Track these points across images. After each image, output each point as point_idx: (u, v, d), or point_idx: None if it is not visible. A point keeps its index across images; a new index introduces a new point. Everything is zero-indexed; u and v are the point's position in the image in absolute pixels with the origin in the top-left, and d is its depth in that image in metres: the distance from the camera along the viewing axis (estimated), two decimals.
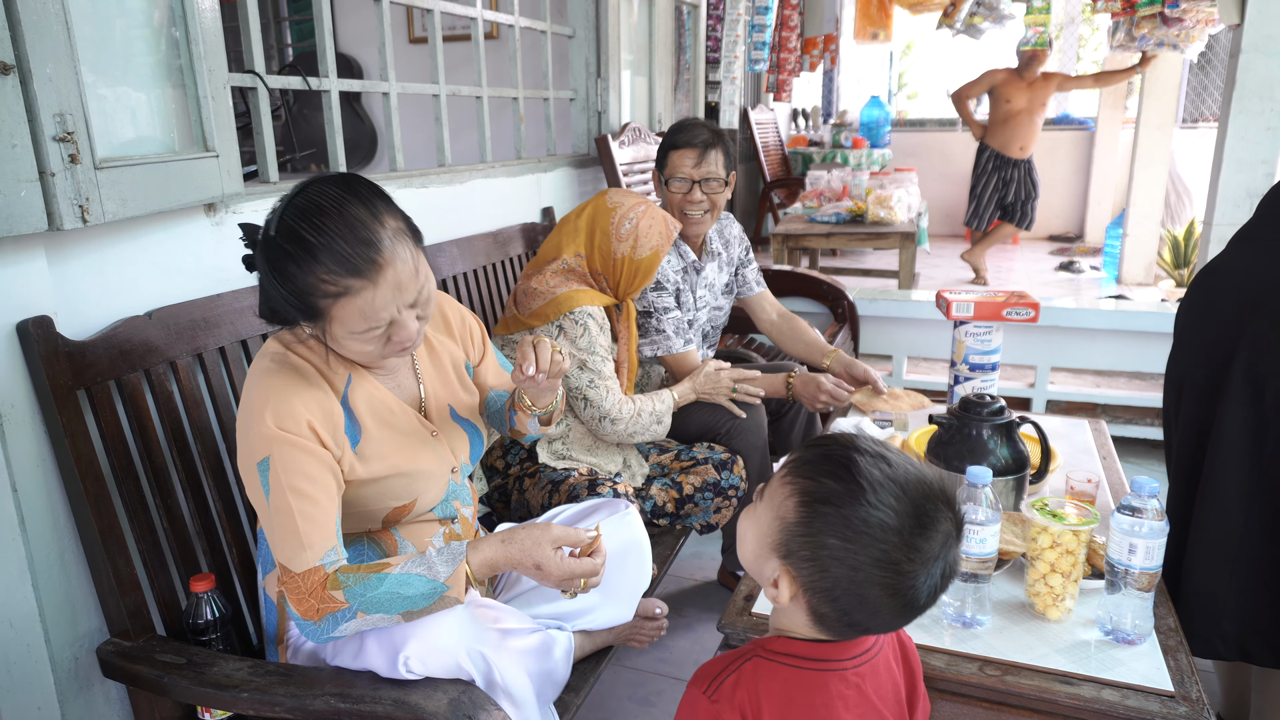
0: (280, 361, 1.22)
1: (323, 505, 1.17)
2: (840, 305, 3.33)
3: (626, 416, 1.91)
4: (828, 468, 0.87)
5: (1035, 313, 1.97)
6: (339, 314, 1.13)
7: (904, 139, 8.60)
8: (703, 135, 2.20)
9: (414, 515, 1.36)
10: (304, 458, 1.16)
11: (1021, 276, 6.47)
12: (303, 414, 1.17)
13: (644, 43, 3.49)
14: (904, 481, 0.85)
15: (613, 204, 1.95)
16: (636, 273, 1.96)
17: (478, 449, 1.48)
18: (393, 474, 1.29)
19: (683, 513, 2.03)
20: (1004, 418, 1.49)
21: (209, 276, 1.61)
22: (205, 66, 1.48)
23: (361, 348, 1.18)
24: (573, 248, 1.94)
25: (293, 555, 1.14)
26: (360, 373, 1.29)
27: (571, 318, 1.86)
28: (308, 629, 1.15)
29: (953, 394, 2.06)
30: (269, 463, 1.15)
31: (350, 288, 1.11)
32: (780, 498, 0.90)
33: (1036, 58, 5.46)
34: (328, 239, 1.10)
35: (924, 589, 0.86)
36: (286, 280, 1.12)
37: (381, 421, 1.30)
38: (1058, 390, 3.35)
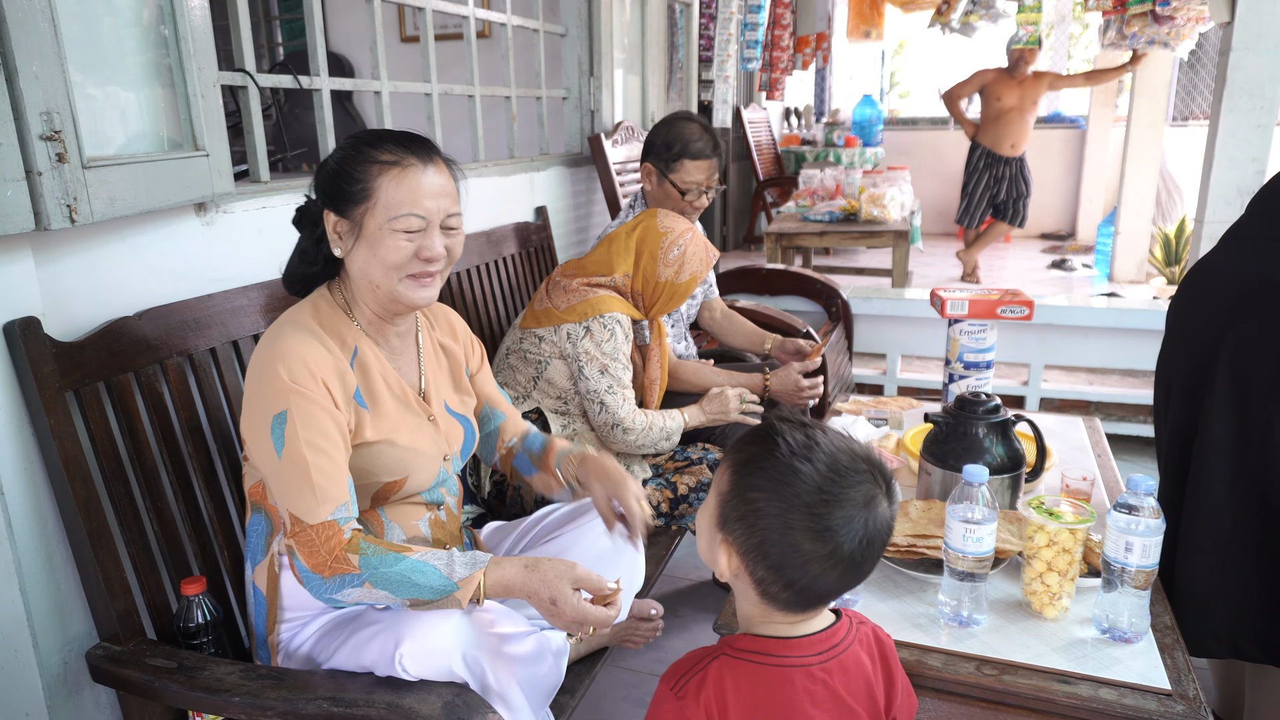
0: (295, 324, 1.26)
1: (337, 461, 1.20)
2: (834, 304, 3.33)
3: (639, 428, 1.92)
4: (751, 437, 0.95)
5: (1029, 311, 1.96)
6: (387, 189, 1.21)
7: (896, 138, 8.61)
8: (713, 143, 2.23)
9: (402, 494, 1.36)
10: (320, 414, 1.19)
11: (1014, 274, 6.48)
12: (318, 372, 1.21)
13: (637, 41, 3.48)
14: (819, 439, 0.91)
15: (664, 228, 1.97)
16: (673, 296, 1.99)
17: (469, 444, 1.50)
18: (389, 445, 1.30)
19: (677, 513, 2.03)
20: (1000, 416, 1.49)
21: (200, 277, 1.60)
22: (195, 65, 1.47)
23: (395, 244, 1.22)
24: (623, 268, 1.96)
25: (308, 508, 1.15)
26: (367, 344, 1.33)
27: (601, 321, 1.88)
28: (314, 582, 1.15)
29: (947, 392, 2.06)
30: (286, 416, 1.17)
31: (405, 161, 1.22)
32: (718, 476, 0.96)
33: (1026, 56, 5.46)
34: (394, 133, 1.26)
35: (844, 534, 0.88)
36: (351, 156, 1.23)
37: (382, 393, 1.33)
38: (1051, 388, 3.35)
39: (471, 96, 2.59)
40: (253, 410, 1.21)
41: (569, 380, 1.93)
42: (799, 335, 2.74)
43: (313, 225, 1.32)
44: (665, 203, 2.27)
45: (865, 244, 4.25)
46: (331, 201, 1.26)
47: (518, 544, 1.57)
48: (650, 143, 2.29)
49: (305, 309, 1.31)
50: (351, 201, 1.24)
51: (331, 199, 1.26)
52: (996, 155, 5.77)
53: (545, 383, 1.93)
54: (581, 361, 1.88)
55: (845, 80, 11.10)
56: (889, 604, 1.32)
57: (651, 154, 2.28)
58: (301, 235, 1.36)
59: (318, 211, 1.30)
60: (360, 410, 1.28)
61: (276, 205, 1.78)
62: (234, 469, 1.50)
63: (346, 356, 1.29)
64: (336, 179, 1.25)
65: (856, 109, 7.51)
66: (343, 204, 1.25)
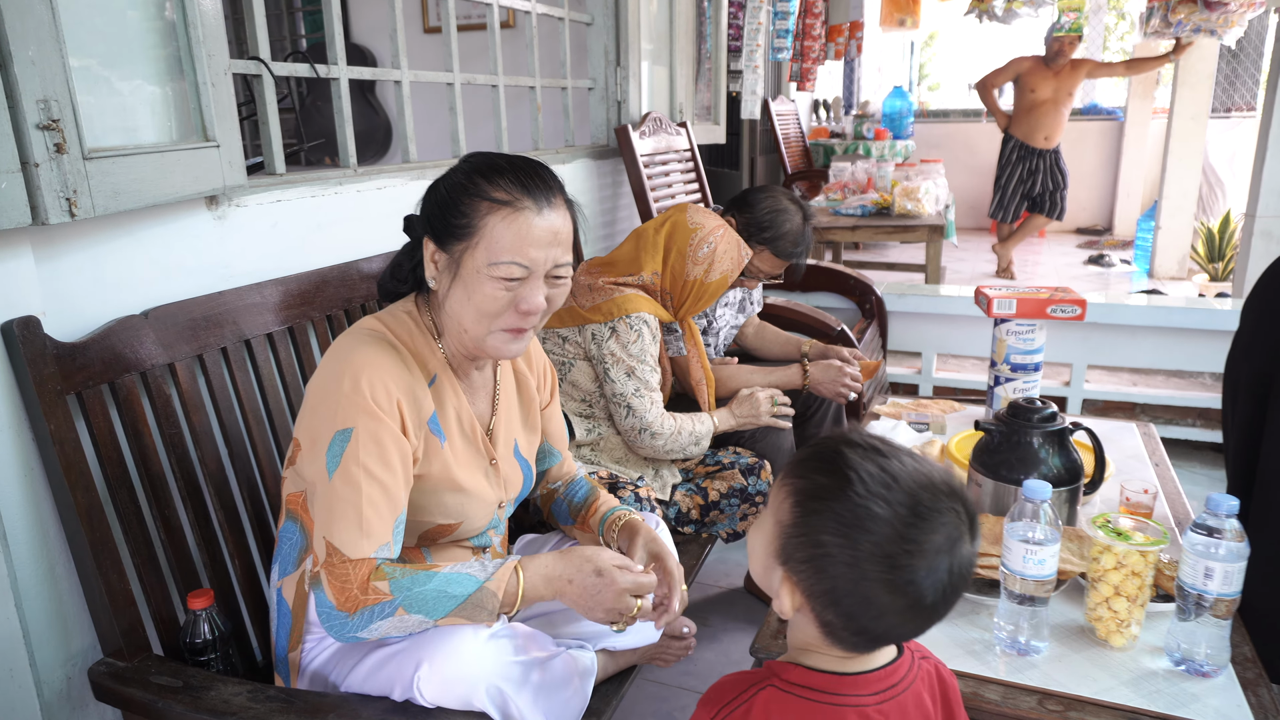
0: (377, 336, 1.17)
1: (392, 495, 1.10)
2: (868, 300, 3.23)
3: (668, 432, 1.83)
4: (817, 463, 0.82)
5: (1082, 310, 1.85)
6: (493, 230, 1.11)
7: (927, 130, 8.45)
8: (803, 246, 2.13)
9: (452, 538, 1.27)
10: (388, 440, 1.10)
11: (1049, 270, 6.32)
12: (395, 392, 1.12)
13: (664, 31, 3.39)
14: (897, 472, 0.79)
15: (694, 224, 1.88)
16: (702, 296, 1.90)
17: (526, 489, 1.41)
18: (452, 487, 1.22)
19: (708, 520, 1.94)
20: (1056, 424, 1.39)
21: (212, 273, 1.53)
22: (204, 51, 1.40)
23: (491, 292, 1.12)
24: (652, 266, 1.87)
25: (350, 540, 1.06)
26: (448, 374, 1.24)
27: (628, 321, 1.80)
28: (337, 621, 1.05)
29: (992, 395, 1.95)
30: (352, 435, 1.08)
31: (518, 202, 1.11)
32: (777, 502, 0.84)
33: (1066, 46, 5.29)
34: (514, 165, 1.15)
35: (927, 585, 0.78)
36: (463, 186, 1.13)
37: (453, 429, 1.24)
38: (1094, 389, 3.23)
39: (495, 87, 2.51)
40: (315, 419, 1.11)
41: (594, 382, 1.85)
42: (831, 333, 2.64)
43: (415, 244, 1.22)
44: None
45: (899, 239, 4.14)
46: (433, 231, 1.16)
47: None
48: (747, 203, 2.13)
49: (389, 320, 1.21)
50: (453, 237, 1.14)
51: (434, 228, 1.16)
52: (1030, 147, 5.61)
53: (569, 385, 1.85)
54: (607, 363, 1.79)
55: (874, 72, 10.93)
56: (940, 628, 1.22)
57: (741, 214, 2.12)
58: (404, 246, 1.26)
59: (420, 236, 1.20)
60: (432, 439, 1.19)
61: (292, 199, 1.71)
62: (245, 476, 1.44)
63: (425, 380, 1.19)
64: (442, 209, 1.15)
65: (886, 101, 7.36)
66: (444, 236, 1.15)
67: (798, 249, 2.13)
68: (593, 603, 1.13)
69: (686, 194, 3.23)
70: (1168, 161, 5.69)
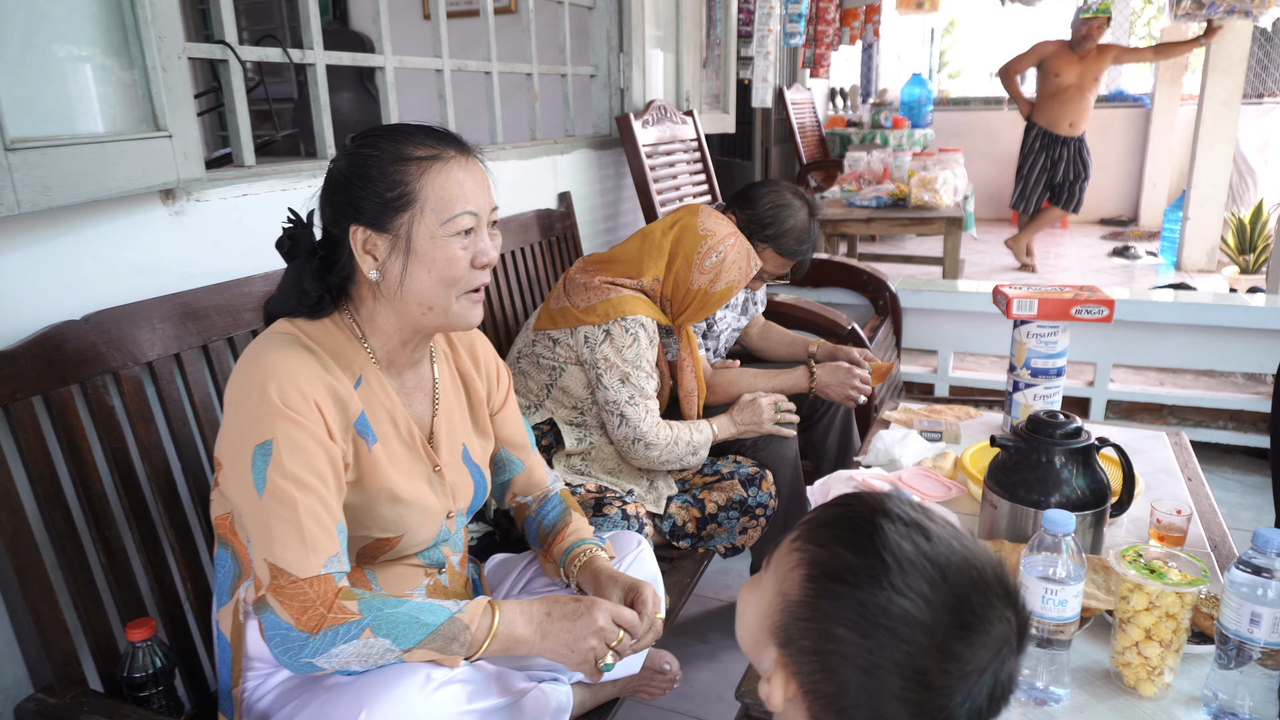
0: (288, 339, 1.06)
1: (329, 504, 1.01)
2: (881, 297, 3.09)
3: (663, 442, 1.72)
4: (845, 534, 0.65)
5: (1109, 311, 1.72)
6: (433, 187, 1.04)
7: (946, 118, 8.25)
8: (809, 245, 2.02)
9: (396, 553, 1.17)
10: (312, 445, 1.00)
11: (1072, 262, 6.14)
12: (310, 393, 1.01)
13: (670, 15, 3.25)
14: (945, 563, 0.62)
15: (705, 231, 1.76)
16: (705, 305, 1.79)
17: (479, 499, 1.30)
18: (384, 495, 1.11)
19: (705, 533, 1.83)
20: (1080, 441, 1.26)
21: (169, 273, 1.43)
22: (154, 33, 1.29)
23: (452, 253, 1.06)
24: (653, 271, 1.76)
25: (296, 558, 0.96)
26: (375, 374, 1.13)
27: (622, 324, 1.69)
28: (294, 643, 0.95)
29: (1011, 401, 1.82)
30: (272, 446, 0.98)
31: (444, 153, 1.06)
32: (786, 567, 0.67)
33: (1094, 30, 5.09)
34: (416, 126, 1.09)
35: (960, 712, 0.61)
36: (376, 157, 1.04)
37: (387, 432, 1.13)
38: (1119, 389, 3.08)
39: (489, 74, 2.39)
40: (231, 436, 1.02)
41: (586, 389, 1.73)
42: (842, 331, 2.51)
43: (310, 252, 1.10)
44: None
45: (915, 231, 3.99)
46: (363, 215, 1.05)
47: (521, 579, 1.38)
48: (750, 198, 2.01)
49: (303, 322, 1.11)
50: (391, 211, 1.05)
51: (363, 212, 1.05)
52: (1054, 135, 5.43)
53: (559, 391, 1.74)
54: (600, 369, 1.68)
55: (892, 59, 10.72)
56: None
57: (744, 210, 2.01)
58: (292, 267, 1.11)
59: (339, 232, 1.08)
60: (359, 441, 1.08)
61: (260, 192, 1.61)
62: (201, 492, 1.34)
63: (350, 381, 1.09)
64: (367, 187, 1.04)
65: (905, 89, 7.18)
66: (379, 217, 1.05)
67: (802, 247, 2.00)
68: (571, 638, 1.05)
69: (693, 185, 3.11)
70: (1197, 149, 5.49)
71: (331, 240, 1.10)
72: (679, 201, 2.95)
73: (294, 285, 1.09)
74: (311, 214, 1.12)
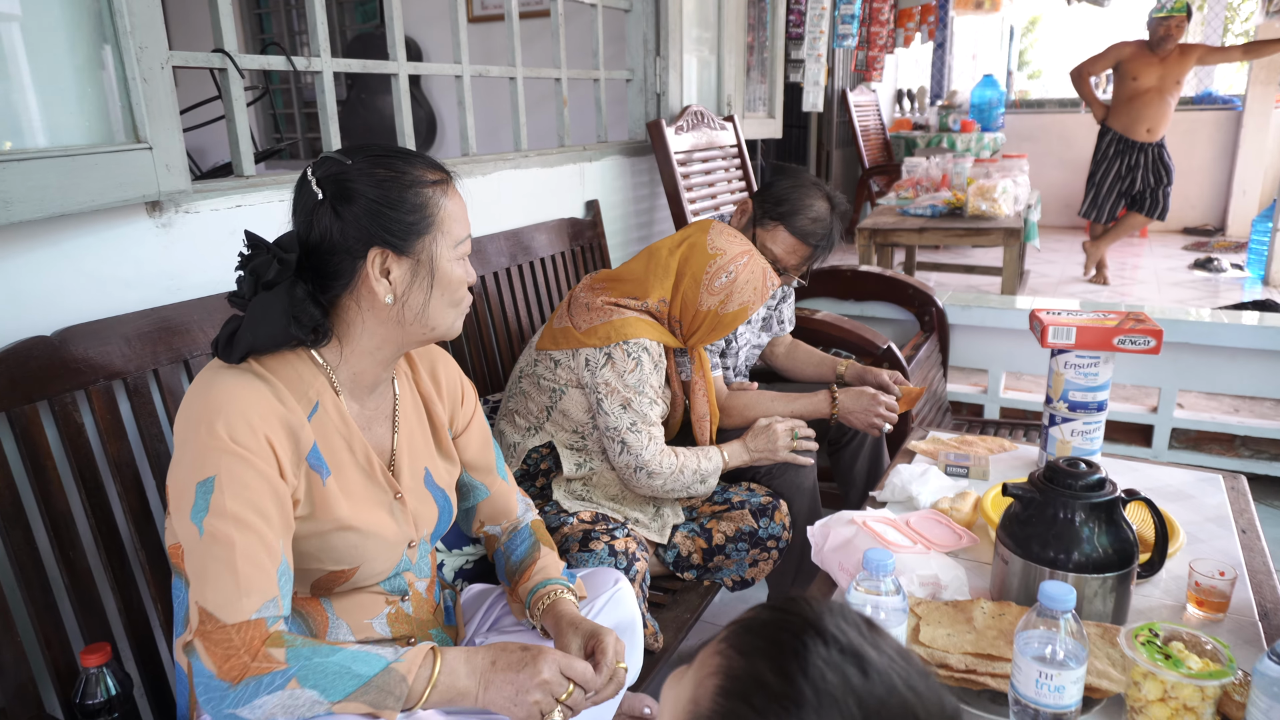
0: (241, 367, 1.02)
1: (270, 545, 0.96)
2: (928, 312, 2.94)
3: (666, 471, 1.64)
4: (770, 648, 0.55)
5: (1157, 342, 1.57)
6: (445, 211, 1.06)
7: (1019, 121, 7.93)
8: (824, 235, 1.89)
9: (352, 584, 1.12)
10: (257, 483, 0.96)
11: (1148, 274, 5.81)
12: (261, 427, 0.97)
13: (712, 17, 3.16)
14: (875, 707, 0.51)
15: (714, 249, 1.66)
16: (716, 326, 1.69)
17: (443, 526, 1.24)
18: (339, 528, 1.06)
19: (711, 565, 1.74)
20: (1103, 494, 1.13)
21: (155, 286, 1.41)
22: (134, 43, 1.27)
23: (460, 275, 1.09)
24: (659, 292, 1.67)
25: (225, 602, 0.92)
26: (332, 400, 1.07)
27: (624, 348, 1.61)
28: (215, 693, 0.91)
29: (1047, 436, 1.68)
30: (214, 483, 0.94)
31: (446, 179, 1.08)
32: (705, 671, 0.57)
33: (1171, 29, 4.79)
34: (403, 150, 1.08)
35: None
36: (396, 179, 1.03)
37: (344, 461, 1.08)
38: (1186, 417, 2.86)
39: (513, 79, 2.34)
40: (177, 470, 0.98)
41: (586, 413, 1.66)
42: (877, 351, 2.38)
43: (294, 281, 1.01)
44: None
45: (970, 242, 3.80)
46: (384, 238, 1.02)
47: (490, 614, 1.32)
48: (769, 183, 1.95)
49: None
50: (414, 234, 1.04)
51: (388, 233, 1.02)
52: (1130, 141, 5.13)
53: (560, 414, 1.67)
54: (601, 393, 1.60)
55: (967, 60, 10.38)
56: None
57: (760, 193, 1.95)
58: (271, 296, 1.01)
59: (354, 254, 1.02)
60: (313, 475, 1.04)
61: (256, 204, 1.58)
62: None
63: (304, 410, 1.04)
64: (389, 208, 1.02)
65: (975, 90, 6.92)
66: (403, 239, 1.03)
67: (816, 227, 1.87)
68: (514, 690, 0.98)
69: (731, 194, 3.01)
70: None
71: (320, 261, 1.04)
72: (714, 211, 2.86)
73: (282, 314, 1.01)
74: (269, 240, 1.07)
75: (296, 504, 1.02)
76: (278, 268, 1.02)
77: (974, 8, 5.99)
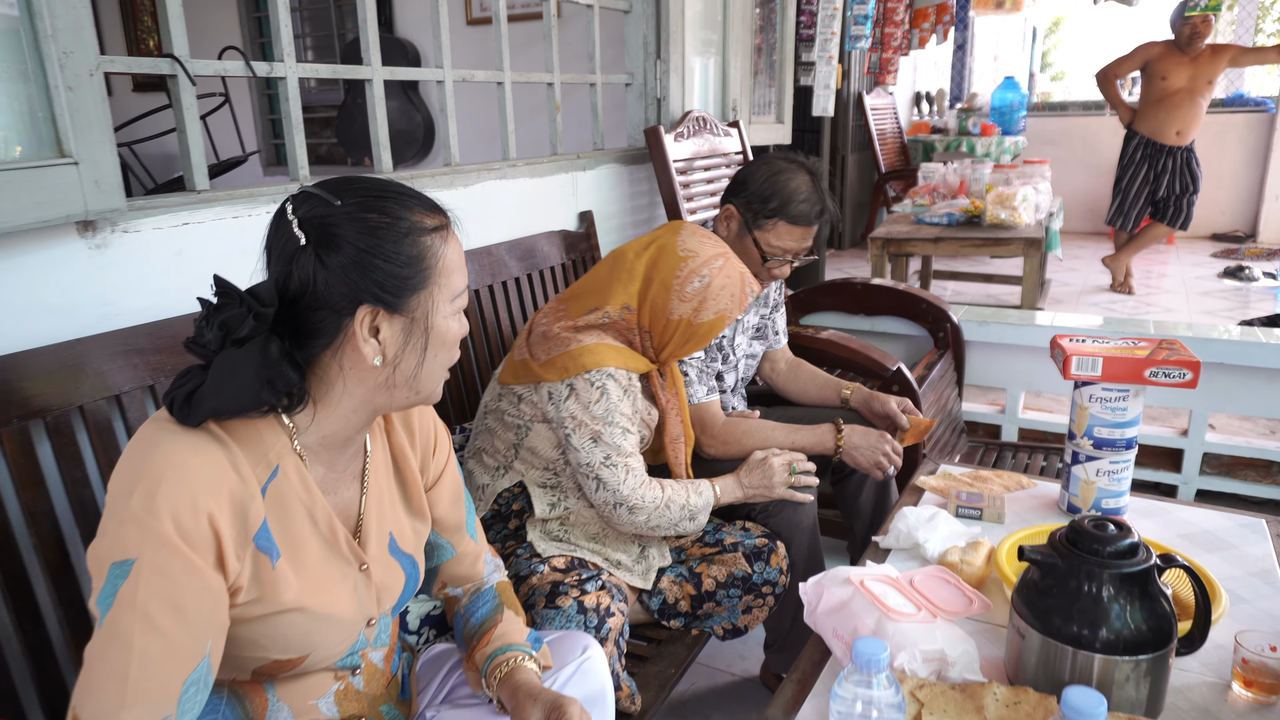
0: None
1: (178, 653, 0.82)
2: (942, 328, 2.78)
3: (650, 505, 1.49)
4: None
5: (1194, 375, 1.41)
6: (444, 262, 0.94)
7: (1042, 124, 7.74)
8: (820, 206, 1.79)
9: (301, 670, 0.98)
10: (185, 577, 0.81)
11: (1176, 283, 5.61)
12: (206, 506, 0.83)
13: (716, 18, 3.02)
14: None
15: (685, 252, 1.51)
16: (690, 338, 1.53)
17: (409, 593, 1.10)
18: (287, 611, 0.92)
19: (700, 612, 1.60)
20: (1136, 562, 0.98)
21: (88, 312, 1.29)
22: (56, 49, 1.15)
23: (457, 331, 0.97)
24: (622, 298, 1.51)
25: (101, 713, 0.78)
26: (295, 464, 0.93)
27: (587, 378, 1.45)
28: None
29: (1069, 476, 1.53)
30: (133, 569, 0.80)
31: (445, 224, 0.96)
32: None
33: (1199, 28, 4.59)
34: (398, 186, 0.95)
35: None
36: (390, 226, 0.90)
37: (302, 534, 0.94)
38: (1219, 441, 2.69)
39: (501, 84, 2.21)
40: (99, 539, 0.84)
41: (556, 449, 1.52)
42: (886, 374, 2.24)
43: (269, 337, 0.87)
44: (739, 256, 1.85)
45: (988, 253, 3.64)
46: (375, 294, 0.89)
47: (446, 683, 1.18)
48: (741, 181, 1.83)
49: None
50: (409, 289, 0.91)
51: (380, 289, 0.89)
52: (1159, 145, 4.94)
53: (528, 451, 1.53)
54: (568, 428, 1.46)
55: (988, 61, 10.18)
56: None
57: (740, 196, 1.82)
58: (241, 354, 0.86)
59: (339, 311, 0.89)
60: (260, 557, 0.89)
61: (206, 221, 1.46)
62: None
63: (261, 477, 0.90)
64: (382, 260, 0.89)
65: (996, 93, 6.74)
66: (397, 296, 0.90)
67: (815, 207, 1.78)
68: None
69: None
70: None
71: (299, 315, 0.90)
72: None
73: (253, 377, 0.86)
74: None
75: (239, 591, 0.88)
76: (253, 323, 0.87)
77: (995, 8, 5.80)
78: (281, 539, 0.92)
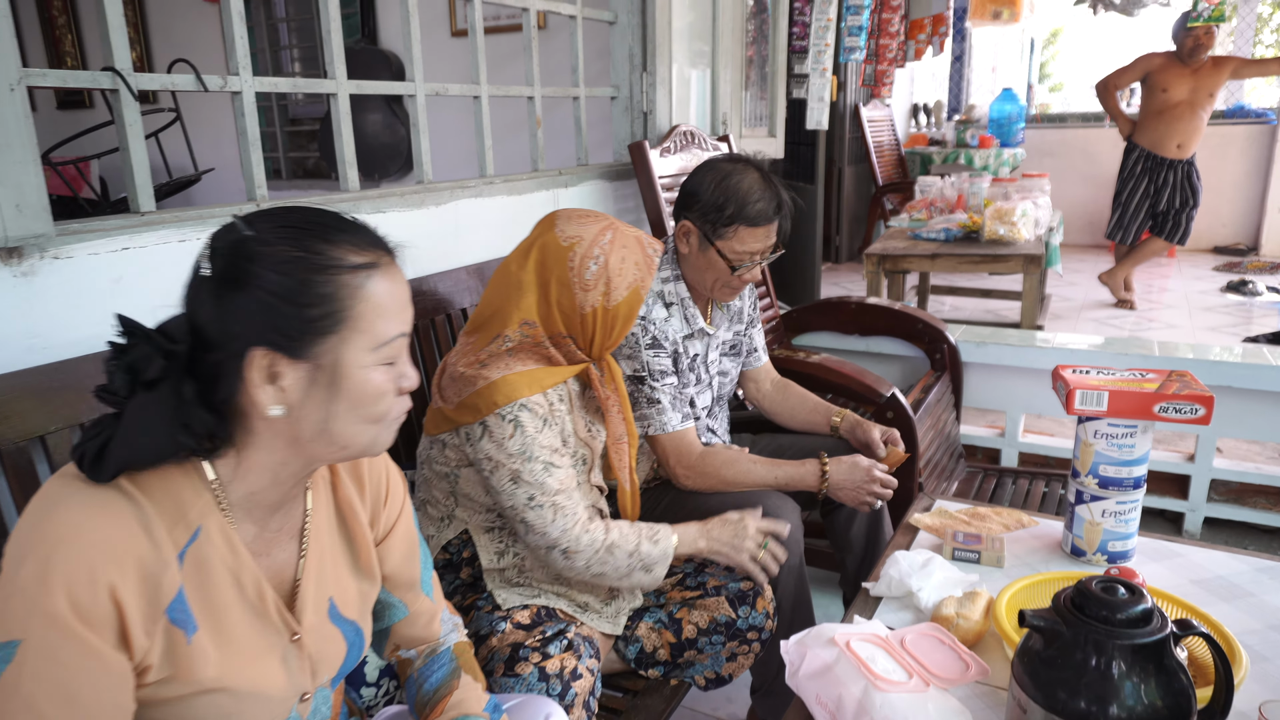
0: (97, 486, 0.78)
1: None
2: (939, 349, 2.69)
3: (587, 549, 1.35)
4: None
5: (1207, 411, 1.32)
6: (369, 304, 0.83)
7: (1040, 136, 7.67)
8: (776, 201, 1.71)
9: None
10: (77, 661, 0.72)
11: (1178, 298, 5.51)
12: (106, 578, 0.73)
13: (705, 29, 2.94)
14: None
15: (568, 240, 1.38)
16: (615, 322, 1.41)
17: (352, 661, 1.00)
18: (204, 691, 0.82)
19: (681, 661, 1.50)
20: (1150, 631, 0.88)
21: (13, 345, 1.20)
22: None
23: (380, 384, 0.85)
24: (518, 316, 1.38)
25: None
26: (219, 524, 0.84)
27: (499, 414, 1.31)
28: None
29: (1073, 516, 1.43)
30: (15, 652, 0.71)
31: (380, 258, 0.86)
32: None
33: (1202, 39, 4.51)
34: (335, 218, 0.86)
35: None
36: (300, 261, 0.80)
37: (225, 602, 0.84)
38: (1227, 467, 2.59)
39: (477, 98, 2.12)
40: None
41: (488, 491, 1.40)
42: (879, 400, 2.14)
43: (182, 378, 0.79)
44: (706, 273, 1.75)
45: (987, 269, 3.55)
46: (269, 337, 0.79)
47: None
48: (691, 193, 1.74)
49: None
50: (314, 334, 0.81)
51: (274, 332, 0.79)
52: (1159, 158, 4.86)
53: (464, 498, 1.41)
54: (485, 470, 1.33)
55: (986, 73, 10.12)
56: None
57: (693, 210, 1.73)
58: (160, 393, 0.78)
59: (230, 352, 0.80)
60: (174, 631, 0.80)
61: (149, 245, 1.36)
62: None
63: (178, 542, 0.80)
64: (282, 300, 0.79)
65: (994, 104, 6.66)
66: (297, 340, 0.80)
67: (771, 204, 1.70)
68: None
69: None
70: None
71: (203, 358, 0.81)
72: None
73: (167, 421, 0.78)
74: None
75: (147, 670, 0.78)
76: (163, 363, 0.78)
77: (992, 19, 5.71)
78: (200, 609, 0.82)
